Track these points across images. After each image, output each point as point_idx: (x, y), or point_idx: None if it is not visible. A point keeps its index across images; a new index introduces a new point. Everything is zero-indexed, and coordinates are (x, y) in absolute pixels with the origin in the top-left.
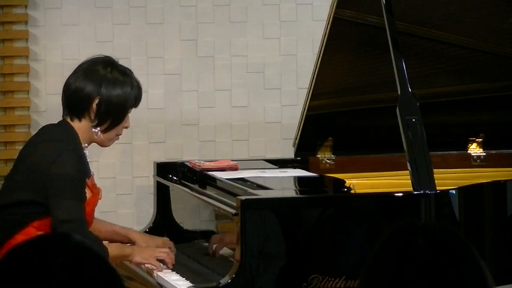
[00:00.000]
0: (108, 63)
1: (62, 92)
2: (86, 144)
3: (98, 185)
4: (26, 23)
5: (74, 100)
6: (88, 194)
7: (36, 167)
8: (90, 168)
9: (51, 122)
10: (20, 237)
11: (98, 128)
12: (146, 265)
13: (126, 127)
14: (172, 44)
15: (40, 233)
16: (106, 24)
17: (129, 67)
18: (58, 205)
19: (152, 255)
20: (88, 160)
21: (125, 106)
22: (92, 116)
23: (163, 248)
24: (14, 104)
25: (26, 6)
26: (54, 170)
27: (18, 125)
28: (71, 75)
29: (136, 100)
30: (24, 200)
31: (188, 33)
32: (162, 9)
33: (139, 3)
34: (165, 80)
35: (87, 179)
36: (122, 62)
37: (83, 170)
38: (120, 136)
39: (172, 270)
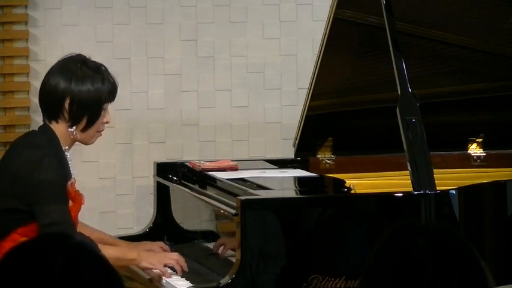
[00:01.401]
0: (78, 60)
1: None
2: (67, 147)
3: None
4: (26, 23)
5: (47, 100)
6: (69, 202)
7: (18, 175)
8: (72, 172)
9: None
10: (5, 244)
11: (74, 128)
12: (154, 271)
13: (107, 122)
14: (172, 44)
15: (25, 239)
16: (106, 24)
17: (129, 67)
18: (42, 211)
19: (161, 261)
20: (70, 162)
21: (98, 102)
22: (67, 116)
23: (173, 254)
24: (14, 104)
25: (26, 7)
26: (36, 177)
27: (18, 125)
28: (44, 76)
29: (110, 95)
30: (8, 208)
31: (188, 33)
32: (162, 9)
33: (139, 3)
34: (165, 80)
35: (68, 184)
36: (121, 62)
37: (64, 174)
38: (102, 132)
39: (172, 270)
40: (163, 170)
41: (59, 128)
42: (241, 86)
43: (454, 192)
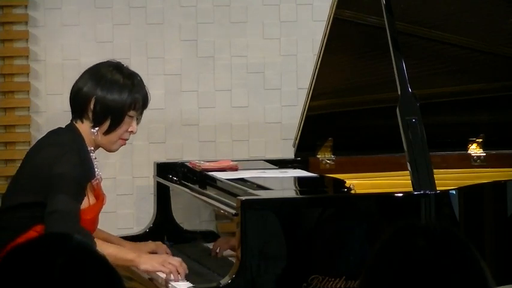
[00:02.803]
0: (112, 65)
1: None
2: (92, 148)
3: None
4: (26, 23)
5: (74, 100)
6: (92, 200)
7: (39, 171)
8: (98, 172)
9: (51, 122)
10: (20, 241)
11: (97, 129)
12: (157, 273)
13: (132, 132)
14: (172, 44)
15: None
16: (106, 25)
17: (129, 67)
18: (50, 200)
19: (162, 262)
20: (95, 162)
21: (122, 108)
22: (91, 115)
23: (175, 258)
24: (14, 104)
25: (26, 7)
26: (55, 170)
27: (18, 126)
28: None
29: (136, 104)
30: (26, 203)
31: (188, 34)
32: (162, 9)
33: (139, 4)
34: (165, 80)
35: (93, 183)
36: (121, 62)
37: (84, 173)
38: (126, 141)
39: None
40: (164, 170)
41: (84, 128)
42: (241, 86)
43: (454, 192)
